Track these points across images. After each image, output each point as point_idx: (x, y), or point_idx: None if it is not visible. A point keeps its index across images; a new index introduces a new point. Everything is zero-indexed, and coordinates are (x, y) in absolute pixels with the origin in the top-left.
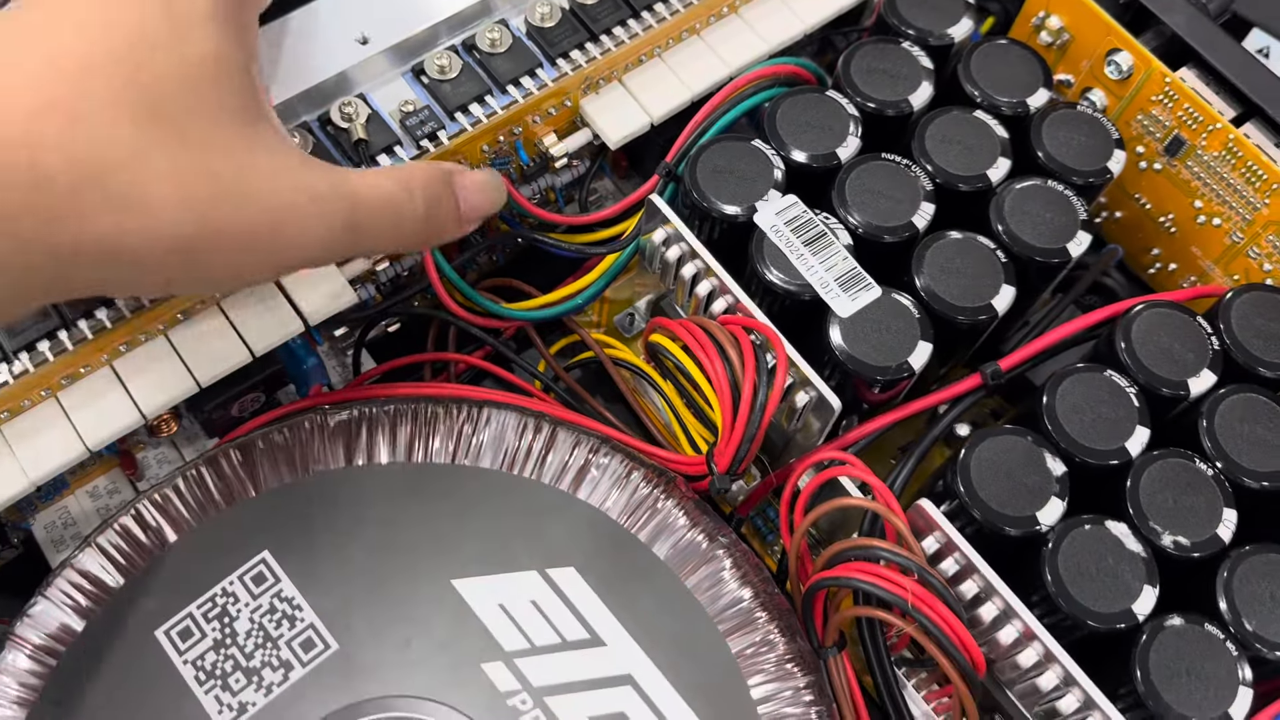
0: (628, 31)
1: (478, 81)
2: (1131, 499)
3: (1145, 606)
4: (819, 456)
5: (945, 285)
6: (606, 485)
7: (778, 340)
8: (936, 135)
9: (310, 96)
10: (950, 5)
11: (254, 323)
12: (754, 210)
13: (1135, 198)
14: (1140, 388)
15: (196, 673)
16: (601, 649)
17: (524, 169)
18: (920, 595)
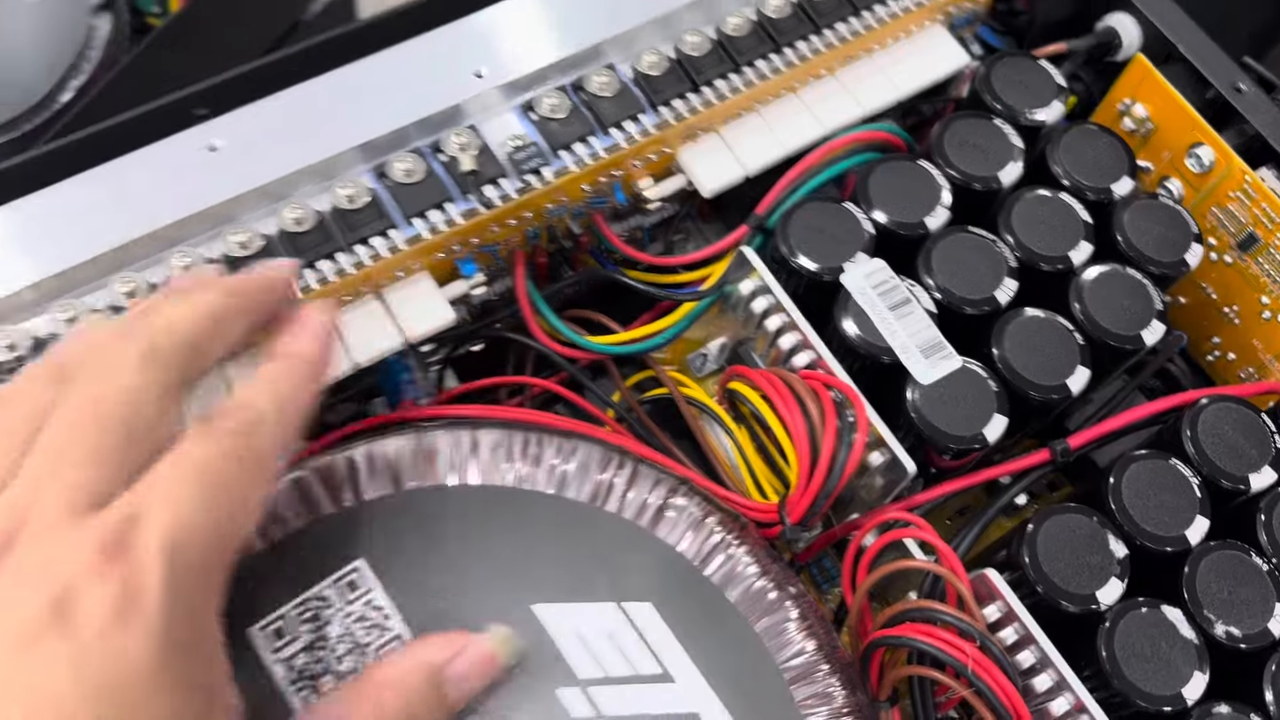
0: (729, 85)
1: (584, 122)
2: (1188, 586)
3: (1195, 692)
4: (886, 516)
5: (1023, 361)
6: (683, 526)
7: (859, 400)
8: (1023, 213)
9: (425, 124)
10: (1042, 87)
11: (357, 336)
12: (841, 270)
13: (1202, 287)
14: (1203, 479)
15: (287, 672)
16: (671, 685)
17: (618, 209)
18: (980, 661)
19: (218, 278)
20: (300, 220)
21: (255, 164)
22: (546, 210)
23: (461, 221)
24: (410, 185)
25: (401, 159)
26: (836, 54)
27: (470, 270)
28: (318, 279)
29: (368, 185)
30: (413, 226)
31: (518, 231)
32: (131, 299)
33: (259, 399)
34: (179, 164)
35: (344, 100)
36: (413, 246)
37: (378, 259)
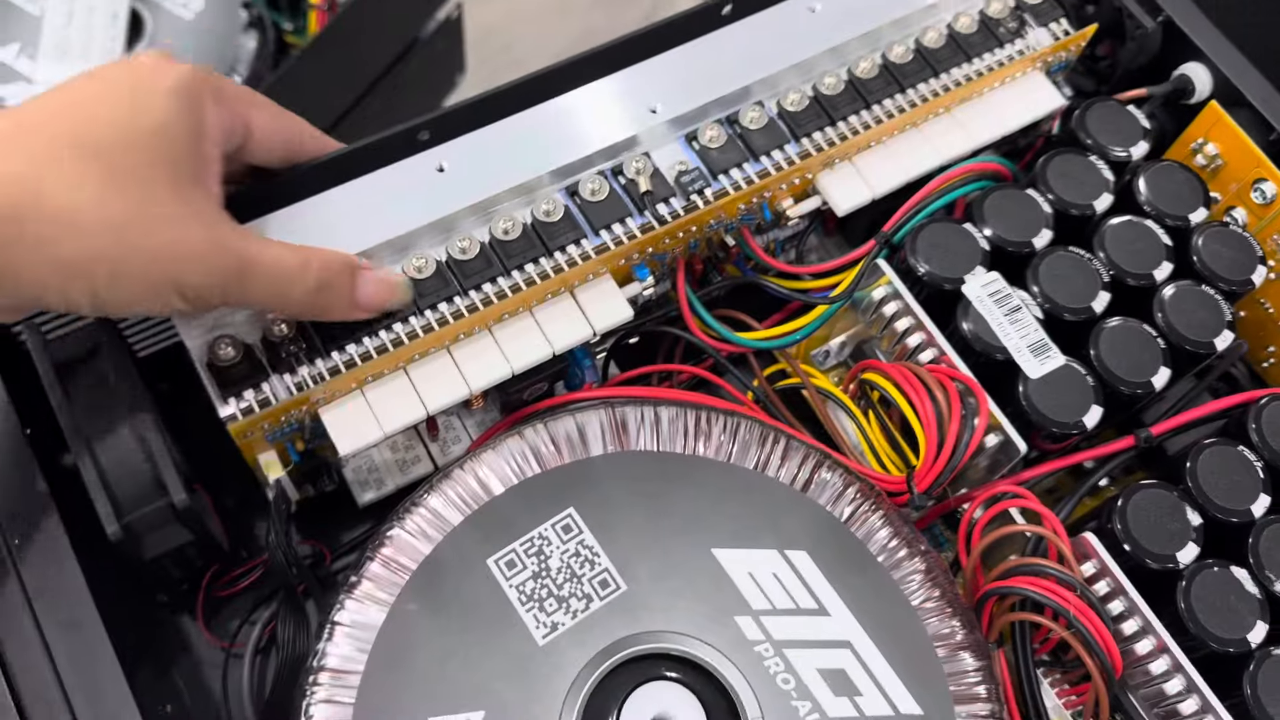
0: (861, 120)
1: (738, 151)
2: (1253, 551)
3: (1258, 637)
4: (998, 488)
5: (1115, 361)
6: (830, 492)
7: (980, 391)
8: (1114, 236)
9: (608, 151)
10: (1130, 127)
11: (556, 326)
12: (962, 281)
13: (1261, 302)
14: (1265, 462)
15: (519, 595)
16: (826, 618)
17: (761, 224)
18: (1079, 606)
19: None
20: (509, 231)
21: (473, 183)
22: (708, 225)
23: (639, 234)
24: (597, 203)
25: (590, 180)
26: (953, 95)
27: (644, 274)
28: (525, 279)
29: (562, 202)
30: (600, 237)
31: (683, 243)
32: None
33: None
34: (413, 181)
35: (543, 131)
36: (600, 255)
37: (573, 264)
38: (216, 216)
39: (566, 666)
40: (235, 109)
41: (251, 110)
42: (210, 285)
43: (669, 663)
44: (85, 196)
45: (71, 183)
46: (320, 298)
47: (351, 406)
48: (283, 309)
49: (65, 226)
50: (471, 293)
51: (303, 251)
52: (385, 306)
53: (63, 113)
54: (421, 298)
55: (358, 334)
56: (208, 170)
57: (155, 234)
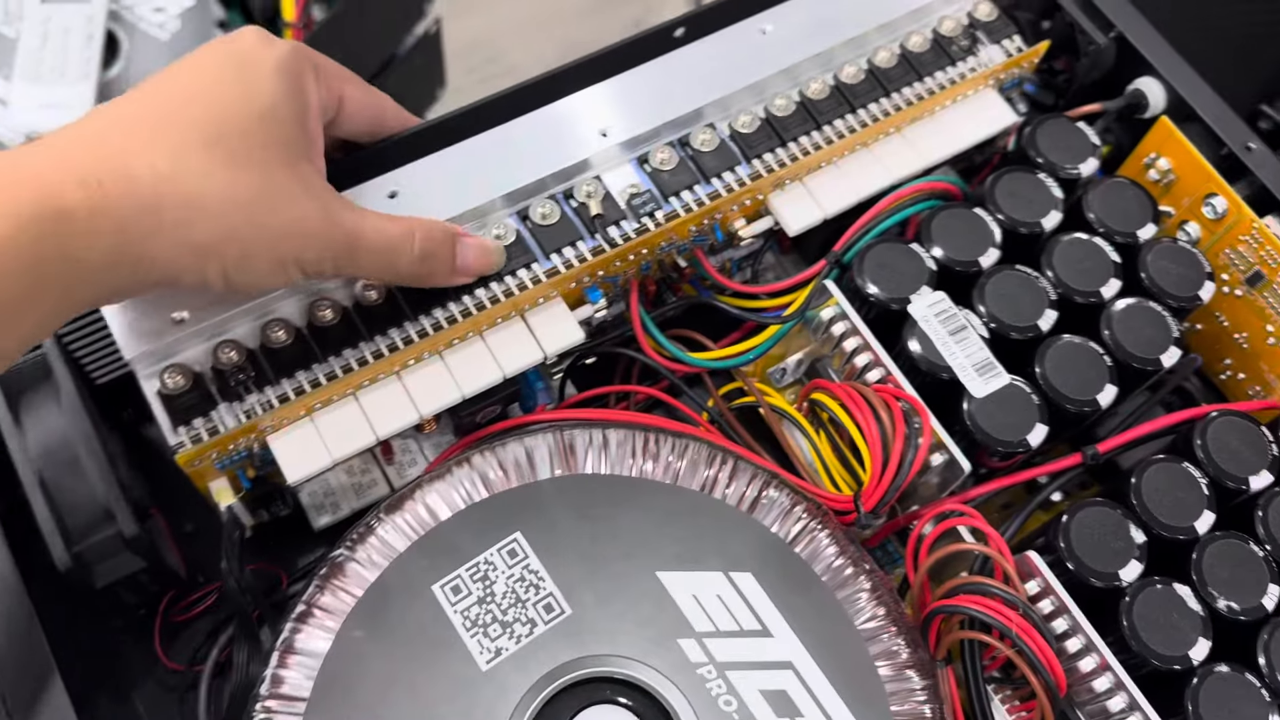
0: (811, 141)
1: (689, 173)
2: (1195, 568)
3: (1199, 654)
4: (944, 507)
5: (1060, 379)
6: (776, 513)
7: (925, 411)
8: (1062, 255)
9: (560, 174)
10: (1080, 144)
11: (506, 350)
12: (908, 301)
13: (1216, 315)
14: (1210, 479)
15: (464, 621)
16: (769, 639)
17: (715, 244)
18: (1022, 625)
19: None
20: None
21: (426, 208)
22: (659, 247)
23: (590, 257)
24: (548, 226)
25: (541, 204)
26: (904, 114)
27: (596, 296)
28: (475, 304)
29: (514, 226)
30: (551, 261)
31: (634, 265)
32: (328, 317)
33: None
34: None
35: (494, 155)
36: (551, 278)
37: (523, 288)
38: (326, 191)
39: (510, 691)
40: (331, 84)
41: (344, 85)
42: (325, 258)
43: (612, 686)
44: (215, 182)
45: (202, 170)
46: (424, 266)
47: (300, 434)
48: (389, 278)
49: (198, 211)
50: (422, 318)
51: (405, 222)
52: (483, 271)
53: (189, 103)
54: (372, 324)
55: (308, 361)
56: (314, 146)
57: (279, 212)
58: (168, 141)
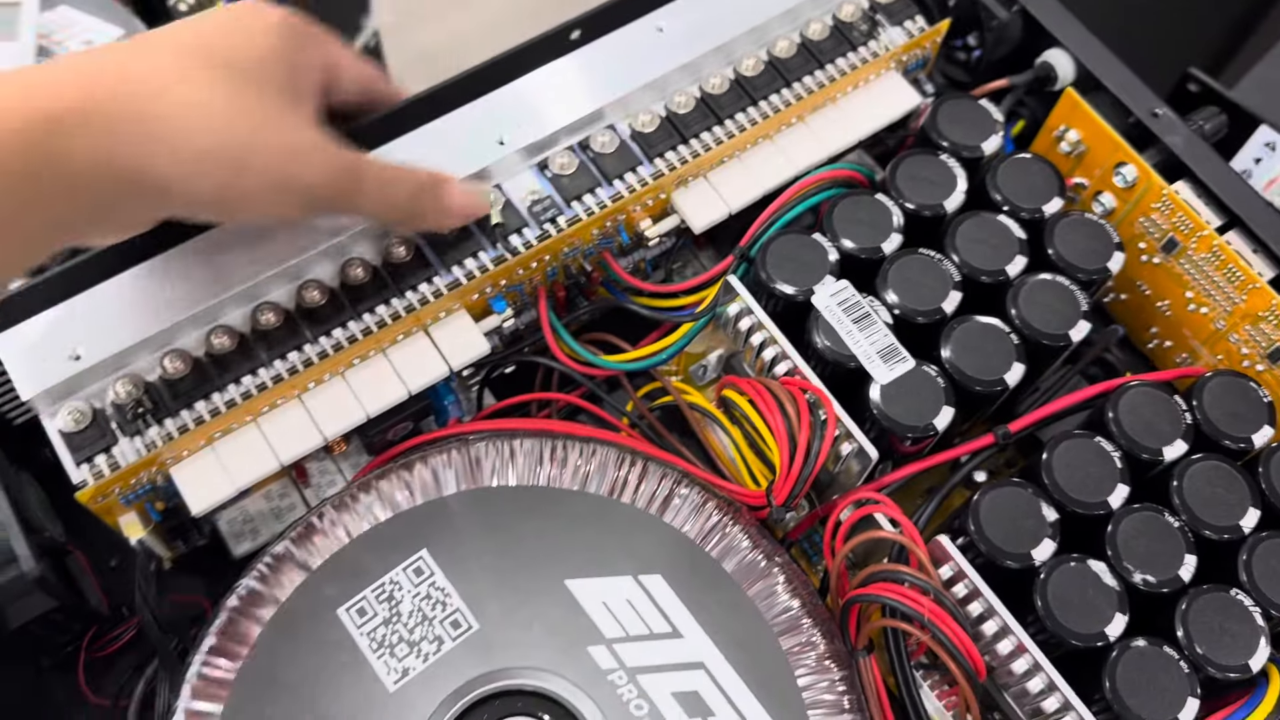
0: (713, 136)
1: (590, 177)
2: (1110, 543)
3: (1116, 630)
4: (858, 495)
5: (967, 361)
6: (686, 511)
7: (828, 400)
8: (965, 235)
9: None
10: (983, 122)
11: (410, 366)
12: (812, 292)
13: (1138, 285)
14: (1124, 452)
15: (370, 642)
16: (680, 640)
17: (623, 246)
18: (935, 611)
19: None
20: (359, 275)
21: (318, 227)
22: (563, 253)
23: (492, 267)
24: (446, 239)
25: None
26: (805, 104)
27: (501, 306)
28: (375, 321)
29: (413, 240)
30: (452, 273)
31: (539, 272)
32: (224, 345)
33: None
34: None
35: None
36: (452, 291)
37: (425, 303)
38: (322, 129)
39: (418, 710)
40: (327, 48)
41: (339, 51)
42: (327, 184)
43: (522, 698)
44: (218, 94)
45: (206, 82)
46: (420, 202)
47: (203, 463)
48: (388, 211)
49: (201, 117)
50: (322, 339)
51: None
52: (473, 215)
53: (184, 34)
54: (270, 348)
55: (206, 390)
56: (310, 99)
57: (281, 133)
58: (171, 55)
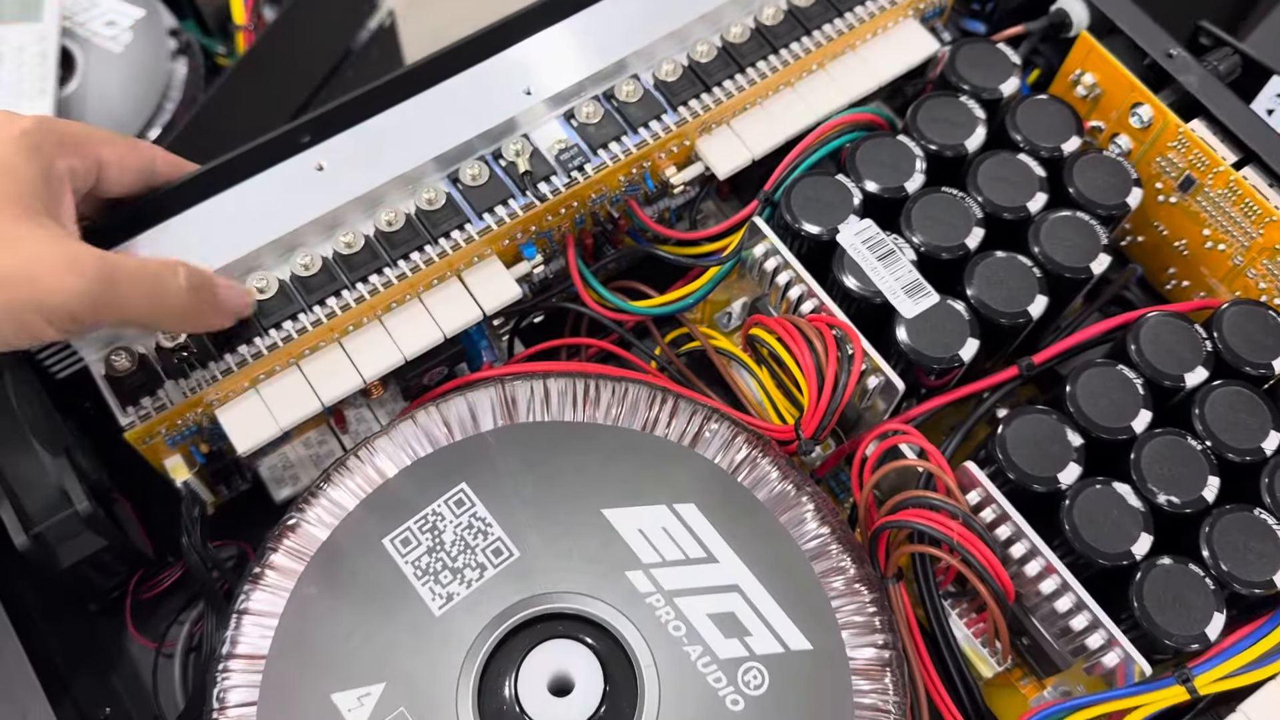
0: (735, 85)
1: (615, 125)
2: (1135, 466)
3: (1142, 549)
4: (885, 428)
5: (991, 294)
6: (717, 445)
7: (855, 335)
8: (987, 173)
9: (486, 136)
10: (1001, 65)
11: (444, 310)
12: (837, 231)
13: (1155, 225)
14: (1146, 379)
15: (415, 570)
16: (715, 565)
17: (648, 194)
18: (963, 535)
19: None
20: (392, 222)
21: (353, 178)
22: (590, 199)
23: (521, 214)
24: (478, 187)
25: (470, 166)
26: (825, 51)
27: (531, 253)
28: (410, 267)
29: (444, 190)
30: (483, 220)
31: (568, 219)
32: (264, 291)
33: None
34: (293, 182)
35: (419, 122)
36: (483, 237)
37: (457, 248)
38: (73, 239)
39: (463, 634)
40: (82, 150)
41: (101, 148)
42: (75, 300)
43: (563, 622)
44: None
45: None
46: (193, 299)
47: (247, 405)
48: (155, 315)
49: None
50: (359, 285)
51: (161, 259)
52: (241, 313)
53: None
54: (309, 293)
55: (249, 334)
56: (60, 207)
57: (14, 253)
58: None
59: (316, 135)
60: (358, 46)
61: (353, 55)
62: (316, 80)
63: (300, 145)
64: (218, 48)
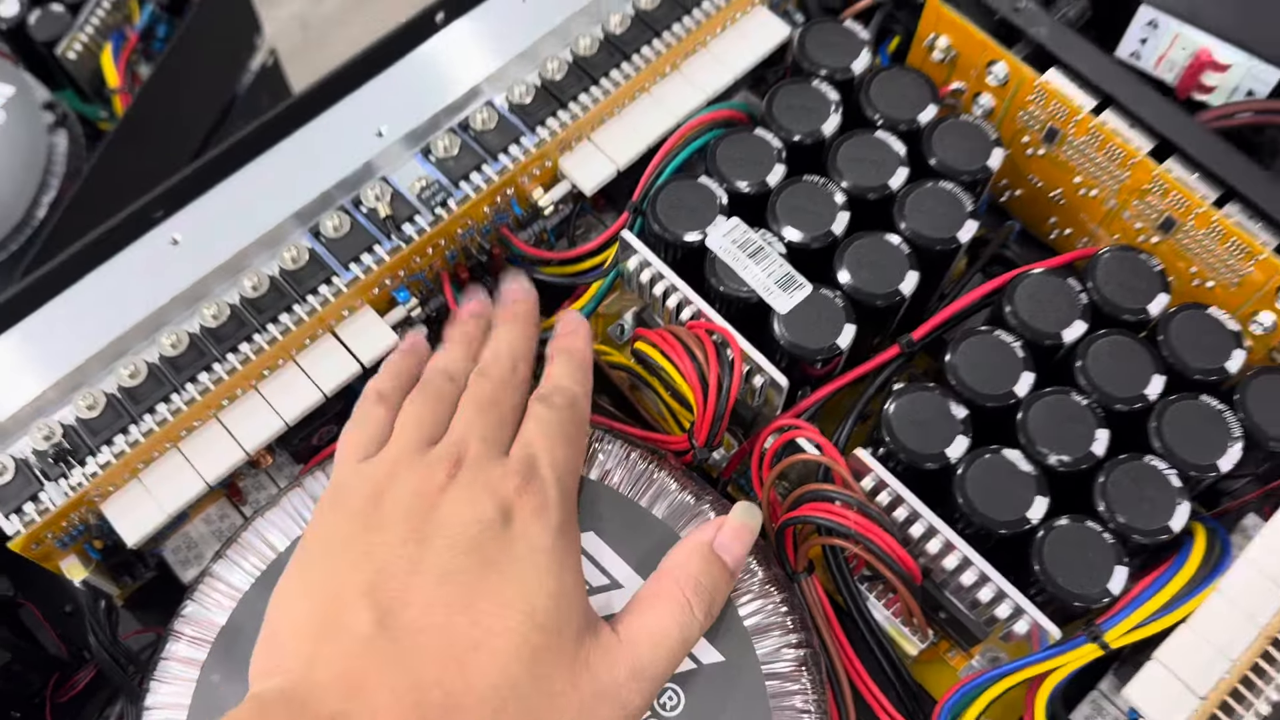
0: (590, 98)
1: (474, 155)
2: (1021, 429)
3: (1038, 512)
4: (778, 424)
5: (862, 277)
6: (611, 465)
7: (733, 337)
8: (846, 156)
9: (343, 184)
10: (850, 43)
11: (321, 369)
12: (705, 234)
13: (1030, 178)
14: (1025, 341)
15: None
16: (620, 590)
17: (519, 219)
18: (861, 523)
19: (519, 308)
20: (256, 286)
21: (211, 248)
22: (459, 234)
23: (388, 259)
24: (340, 239)
25: (329, 217)
26: (676, 51)
27: (404, 297)
28: (280, 330)
29: (306, 245)
30: (350, 271)
31: (438, 257)
32: (133, 377)
33: (566, 381)
34: (150, 260)
35: (273, 179)
36: (352, 288)
37: (326, 304)
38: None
39: None
40: None
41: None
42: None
43: None
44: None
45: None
46: (712, 616)
47: (131, 496)
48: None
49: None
50: (229, 356)
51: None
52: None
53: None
54: (179, 373)
55: (122, 423)
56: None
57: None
58: None
59: (169, 208)
60: (243, 91)
61: (239, 100)
62: (204, 131)
63: (153, 221)
64: (100, 113)
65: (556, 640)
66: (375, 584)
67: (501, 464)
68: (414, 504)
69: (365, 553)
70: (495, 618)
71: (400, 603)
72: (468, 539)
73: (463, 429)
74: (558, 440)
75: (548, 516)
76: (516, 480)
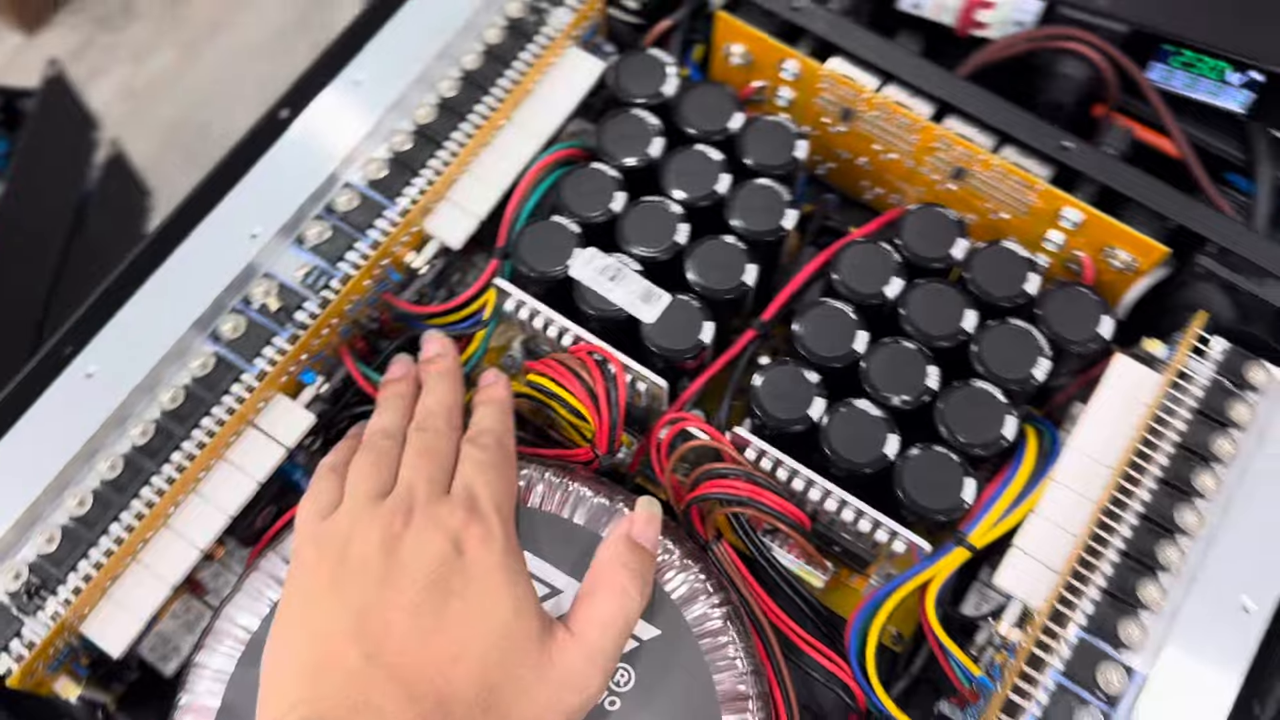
0: (439, 162)
1: (346, 236)
2: (865, 380)
3: (893, 449)
4: (667, 418)
5: (709, 277)
6: (527, 487)
7: (611, 354)
8: (674, 172)
9: (231, 288)
10: (656, 70)
11: (250, 461)
12: (567, 267)
13: (838, 152)
14: (855, 305)
15: None
16: (560, 595)
17: (399, 283)
18: (750, 490)
19: (443, 364)
20: (175, 398)
21: (124, 371)
22: (346, 310)
23: (289, 347)
24: (240, 338)
25: (226, 321)
26: (507, 104)
27: (310, 378)
28: (205, 434)
29: (211, 351)
30: (255, 366)
31: (333, 335)
32: (81, 505)
33: (489, 423)
34: (70, 395)
35: (167, 295)
36: (262, 381)
37: (241, 401)
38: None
39: None
40: None
41: None
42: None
43: None
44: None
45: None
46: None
47: (105, 612)
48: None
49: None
50: (164, 467)
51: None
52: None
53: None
54: (122, 492)
55: (84, 549)
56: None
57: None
58: None
59: (78, 344)
60: (92, 186)
61: (92, 200)
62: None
63: (66, 359)
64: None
65: (522, 644)
66: (357, 626)
67: (447, 502)
68: (378, 551)
69: (342, 601)
70: (467, 634)
71: (382, 637)
72: (430, 574)
73: (410, 476)
74: (491, 475)
75: (493, 541)
76: (462, 514)
